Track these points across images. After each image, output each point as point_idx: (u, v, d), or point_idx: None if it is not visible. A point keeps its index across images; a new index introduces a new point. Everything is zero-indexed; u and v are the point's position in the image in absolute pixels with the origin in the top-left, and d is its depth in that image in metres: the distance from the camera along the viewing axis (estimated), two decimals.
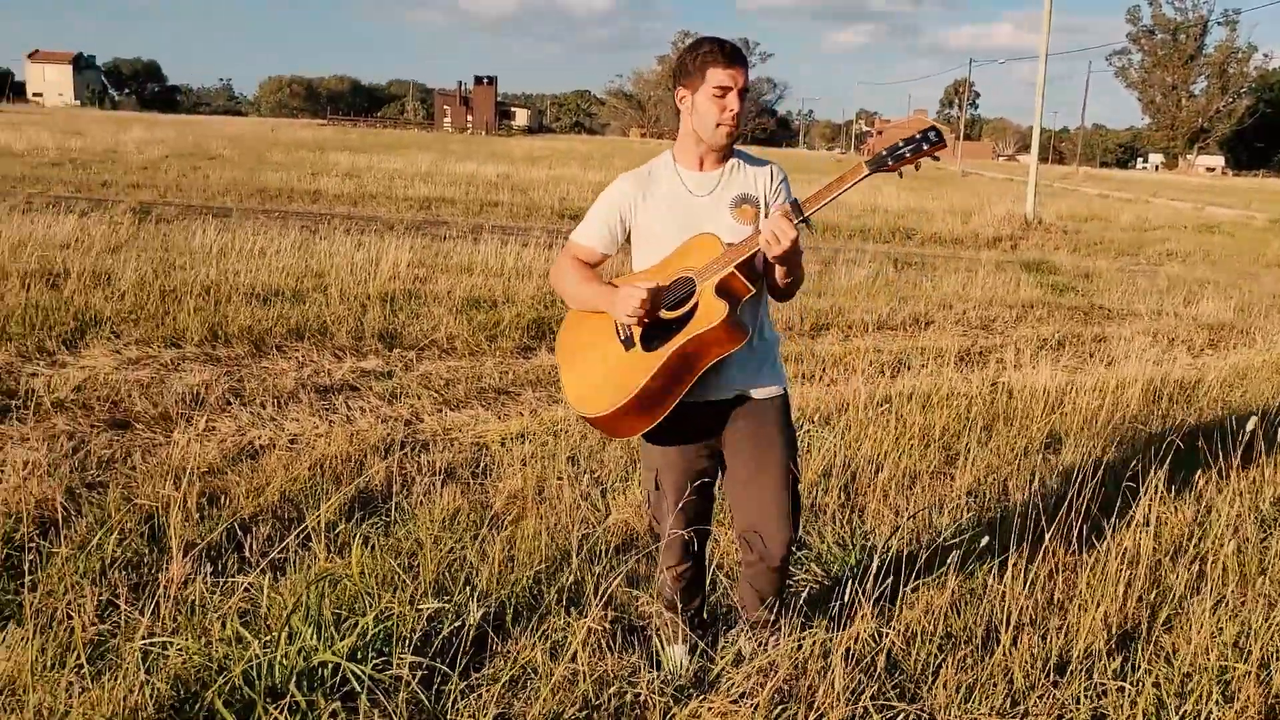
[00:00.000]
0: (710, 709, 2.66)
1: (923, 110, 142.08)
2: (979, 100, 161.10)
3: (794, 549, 3.03)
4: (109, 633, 3.03)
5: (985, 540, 3.49)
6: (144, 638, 2.82)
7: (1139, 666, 2.99)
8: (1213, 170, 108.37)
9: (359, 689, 2.65)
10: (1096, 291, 12.65)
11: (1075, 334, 9.56)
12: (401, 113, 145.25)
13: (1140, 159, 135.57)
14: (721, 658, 2.94)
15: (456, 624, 2.99)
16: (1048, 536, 3.65)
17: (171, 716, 2.57)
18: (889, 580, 3.22)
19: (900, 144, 2.60)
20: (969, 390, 6.33)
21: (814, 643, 2.84)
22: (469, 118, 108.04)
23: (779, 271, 2.73)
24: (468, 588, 3.25)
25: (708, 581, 3.24)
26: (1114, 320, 10.69)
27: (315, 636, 2.77)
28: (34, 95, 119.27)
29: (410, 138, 60.07)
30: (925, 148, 2.58)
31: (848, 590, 3.08)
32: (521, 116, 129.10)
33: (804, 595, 3.46)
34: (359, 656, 2.74)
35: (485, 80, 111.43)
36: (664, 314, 2.77)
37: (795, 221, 2.60)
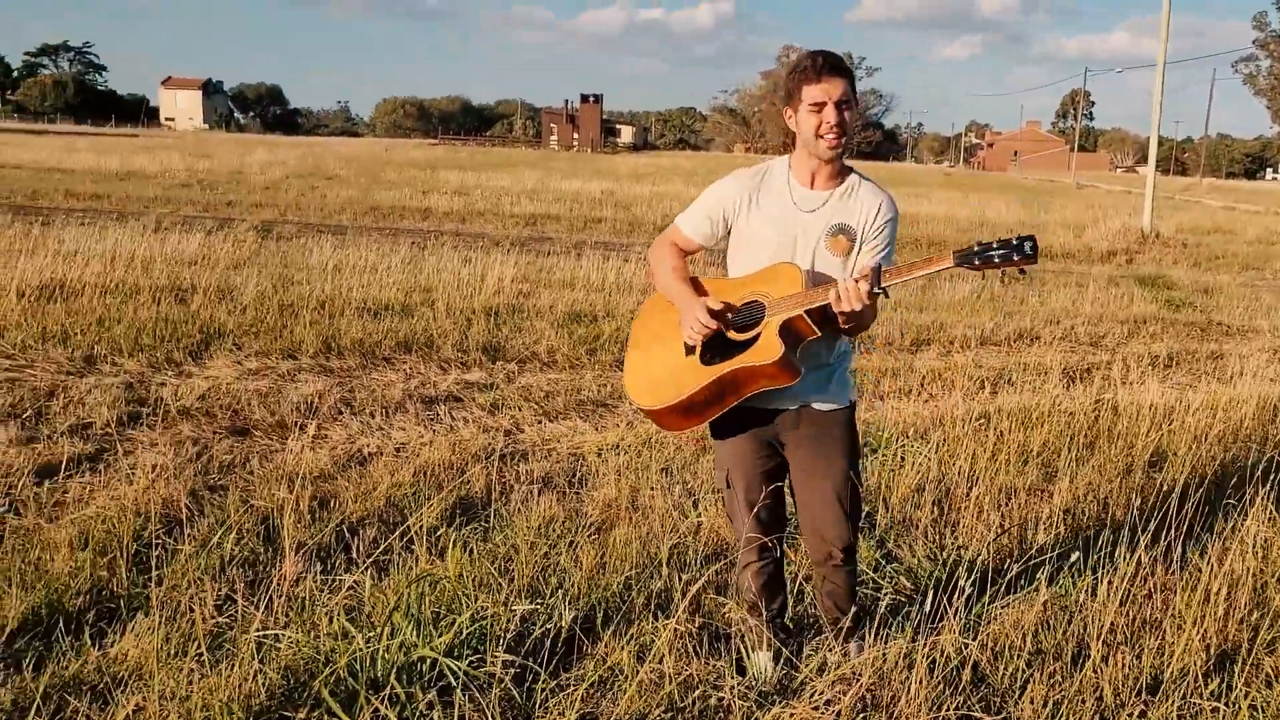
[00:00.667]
0: (792, 715, 2.71)
1: (1035, 122, 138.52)
2: (1095, 110, 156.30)
3: (855, 548, 3.07)
4: (226, 625, 3.24)
5: (1080, 556, 3.45)
6: (258, 630, 3.01)
7: (1236, 688, 2.93)
8: None
9: (454, 684, 2.77)
10: (1216, 307, 12.20)
11: (1189, 350, 9.25)
12: (509, 131, 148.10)
13: (1270, 169, 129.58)
14: (805, 665, 2.98)
15: (548, 625, 3.10)
16: (1146, 555, 3.59)
17: (281, 703, 2.74)
18: (978, 594, 3.22)
19: (995, 244, 2.54)
20: (1072, 407, 6.21)
21: (898, 653, 2.86)
22: (575, 135, 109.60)
23: (841, 320, 2.75)
24: (560, 591, 3.36)
25: (790, 588, 3.28)
26: (1233, 337, 10.30)
27: (415, 633, 2.92)
28: (166, 120, 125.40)
29: (517, 155, 61.27)
30: (1015, 258, 2.53)
31: (934, 602, 3.09)
32: (626, 133, 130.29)
33: (890, 607, 3.47)
34: (455, 653, 2.88)
35: (591, 98, 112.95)
36: (730, 334, 2.86)
37: (870, 289, 2.62)
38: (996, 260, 2.52)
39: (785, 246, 2.90)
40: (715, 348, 2.86)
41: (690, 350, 2.90)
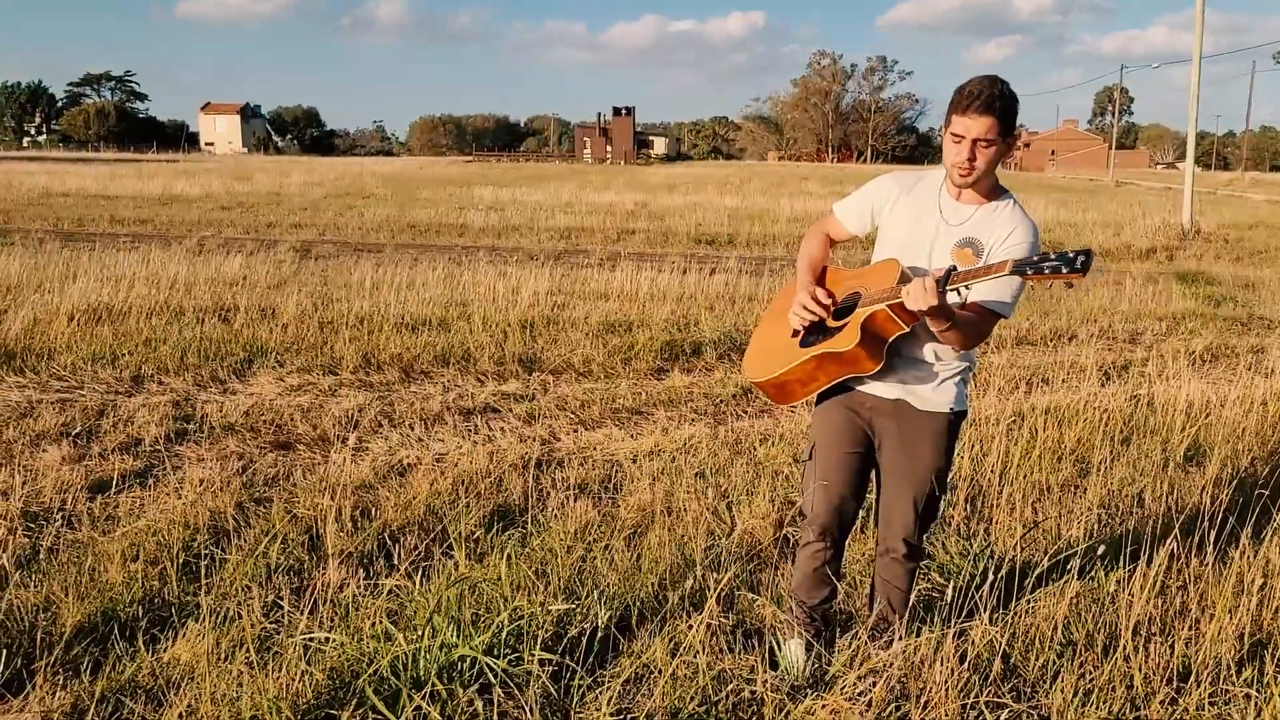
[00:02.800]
0: (825, 706, 2.76)
1: (1073, 121, 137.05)
2: (1133, 107, 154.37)
3: (920, 549, 3.13)
4: (273, 629, 3.34)
5: (1113, 550, 3.47)
6: (303, 633, 3.11)
7: (1268, 675, 2.94)
8: None
9: (493, 681, 2.85)
10: (1258, 302, 12.05)
11: (1230, 346, 9.16)
12: (543, 146, 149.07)
13: None
14: (837, 659, 3.03)
15: (584, 625, 3.18)
16: (1180, 547, 3.60)
17: (327, 702, 2.84)
18: (1009, 587, 3.25)
19: (1052, 256, 2.55)
20: (1108, 403, 6.20)
21: (930, 644, 2.91)
22: (608, 148, 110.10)
23: (930, 322, 2.79)
24: (595, 591, 3.43)
25: (835, 582, 3.32)
26: (1275, 331, 10.18)
27: (455, 634, 3.00)
28: (206, 145, 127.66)
29: (551, 170, 61.68)
30: (1065, 270, 2.53)
31: (966, 596, 3.12)
32: (659, 145, 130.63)
33: (923, 601, 3.50)
34: (494, 652, 2.96)
35: (623, 111, 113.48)
36: (829, 321, 3.02)
37: (939, 289, 2.66)
38: (1046, 271, 2.55)
39: (912, 249, 2.98)
40: (815, 332, 3.05)
41: (796, 332, 3.09)
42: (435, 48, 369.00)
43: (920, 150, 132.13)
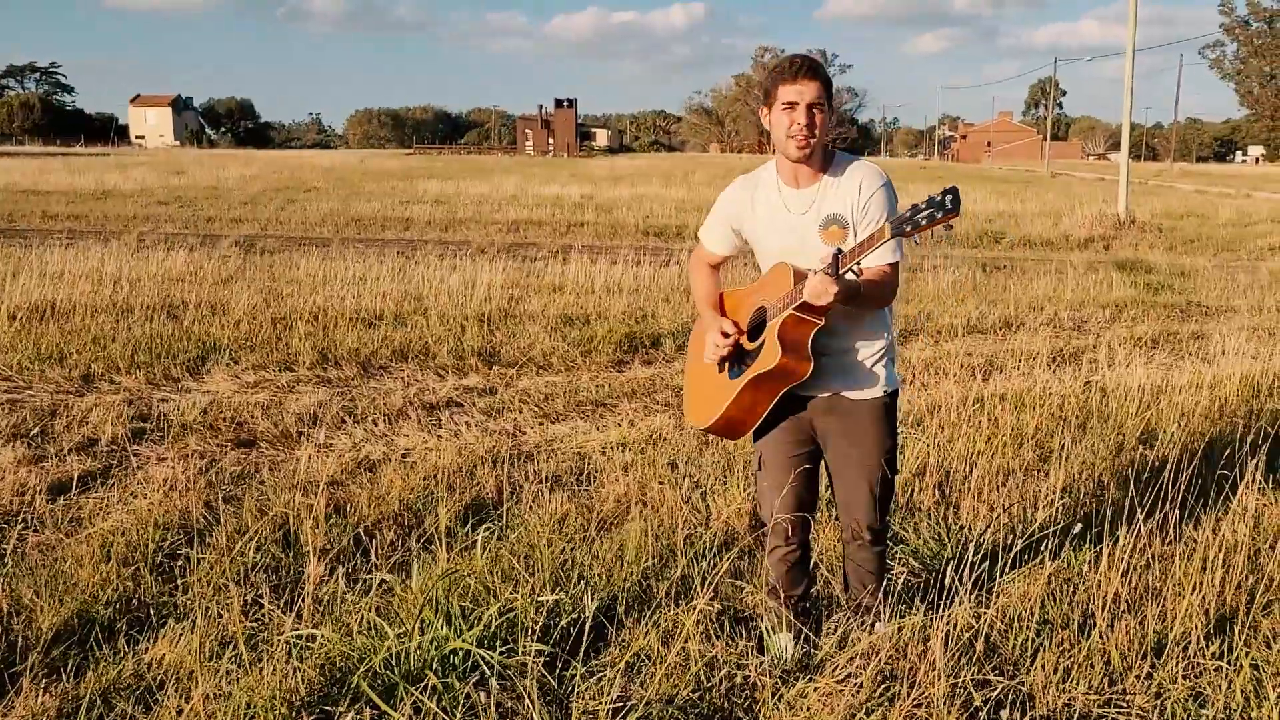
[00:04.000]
0: (817, 689, 2.81)
1: (1007, 113, 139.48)
2: (1066, 99, 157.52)
3: (884, 530, 3.20)
4: (257, 628, 3.31)
5: (1081, 530, 3.57)
6: (291, 630, 3.09)
7: (1236, 648, 3.06)
8: None
9: (489, 673, 2.86)
10: (1194, 289, 12.41)
11: (1171, 332, 9.43)
12: (485, 139, 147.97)
13: (1240, 152, 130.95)
14: (825, 642, 3.09)
15: (573, 615, 3.20)
16: (1143, 527, 3.71)
17: (321, 698, 2.83)
18: (985, 569, 3.34)
19: (922, 206, 2.61)
20: (1062, 389, 6.35)
21: (914, 626, 2.98)
22: (550, 140, 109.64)
23: (840, 305, 2.80)
24: (581, 582, 3.46)
25: (811, 571, 3.39)
26: (1212, 317, 10.50)
27: (446, 627, 3.01)
28: (136, 138, 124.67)
29: (494, 162, 61.27)
30: (939, 215, 2.57)
31: (945, 579, 3.20)
32: (602, 137, 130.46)
33: (902, 585, 3.58)
34: (487, 644, 2.96)
35: (565, 103, 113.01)
36: (745, 344, 3.06)
37: (833, 276, 2.70)
38: (924, 223, 2.59)
39: (789, 250, 3.01)
40: (738, 360, 3.07)
41: (720, 367, 3.12)
42: (373, 38, 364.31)
43: (861, 142, 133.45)
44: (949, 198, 2.55)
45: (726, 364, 3.10)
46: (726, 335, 3.07)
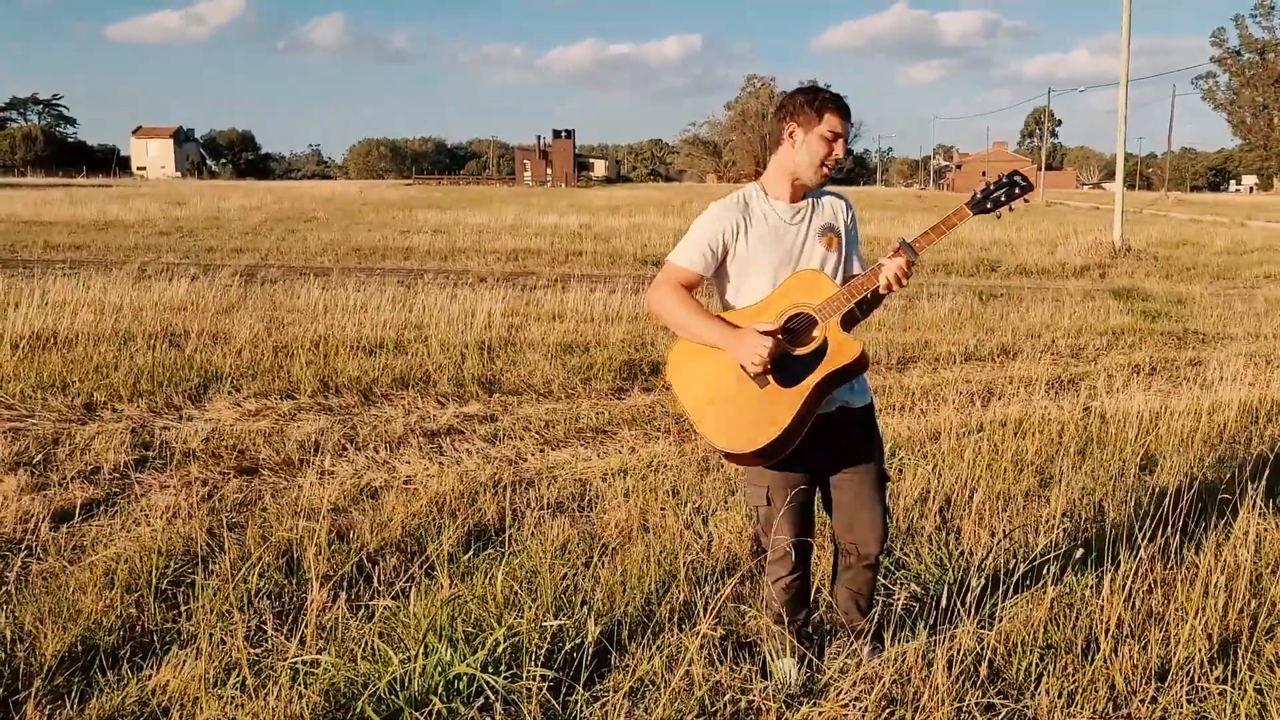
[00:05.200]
0: (821, 713, 2.82)
1: (1002, 143, 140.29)
2: (1060, 129, 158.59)
3: (887, 548, 3.23)
4: (262, 654, 3.31)
5: (1083, 554, 3.58)
6: (295, 657, 3.09)
7: (1240, 672, 3.06)
8: None
9: (493, 697, 2.87)
10: (1190, 317, 12.46)
11: (1169, 359, 9.47)
12: (483, 169, 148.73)
13: (1233, 181, 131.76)
14: (828, 667, 3.09)
15: (577, 640, 3.20)
16: (1145, 552, 3.73)
17: None
18: (988, 595, 3.35)
19: (994, 186, 2.97)
20: (1061, 416, 6.38)
21: (917, 650, 2.98)
22: (548, 171, 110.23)
23: (881, 295, 3.04)
24: (584, 607, 3.46)
25: (811, 596, 3.40)
26: (1209, 344, 10.54)
27: (450, 651, 3.01)
28: (138, 169, 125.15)
29: (493, 192, 61.58)
30: (1017, 192, 2.93)
31: (948, 603, 3.21)
32: (599, 167, 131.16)
33: (903, 611, 3.59)
34: (491, 669, 2.97)
35: (563, 134, 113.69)
36: (796, 351, 2.98)
37: (910, 259, 2.93)
38: (1003, 198, 2.93)
39: (787, 260, 3.10)
40: (787, 370, 2.95)
41: (764, 382, 2.96)
42: (372, 69, 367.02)
43: (856, 172, 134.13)
44: (1018, 176, 2.91)
45: (771, 380, 2.94)
46: (767, 338, 2.90)
